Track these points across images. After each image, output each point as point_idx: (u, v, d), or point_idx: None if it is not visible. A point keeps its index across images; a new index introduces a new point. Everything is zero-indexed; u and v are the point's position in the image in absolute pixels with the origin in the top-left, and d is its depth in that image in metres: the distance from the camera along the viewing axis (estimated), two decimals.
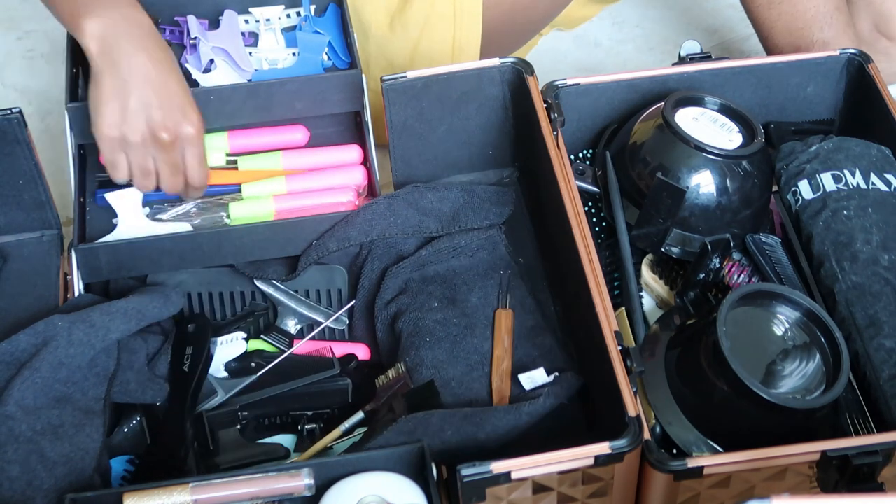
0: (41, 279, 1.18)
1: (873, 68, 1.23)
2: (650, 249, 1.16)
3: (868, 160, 1.16)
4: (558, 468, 0.96)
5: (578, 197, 1.12)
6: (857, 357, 1.05)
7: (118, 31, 1.08)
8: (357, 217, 1.17)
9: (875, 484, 0.94)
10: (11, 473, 0.98)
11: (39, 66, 1.73)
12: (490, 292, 1.15)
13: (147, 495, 0.92)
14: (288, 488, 0.94)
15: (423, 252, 1.17)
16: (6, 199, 1.19)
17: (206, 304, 1.19)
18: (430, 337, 1.11)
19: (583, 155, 1.28)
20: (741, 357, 0.97)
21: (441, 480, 0.98)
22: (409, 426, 1.01)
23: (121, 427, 1.07)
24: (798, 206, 1.14)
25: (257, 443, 1.08)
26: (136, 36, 1.09)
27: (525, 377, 1.08)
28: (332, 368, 1.11)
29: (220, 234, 1.16)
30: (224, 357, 1.14)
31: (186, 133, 1.10)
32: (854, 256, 1.08)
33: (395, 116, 1.23)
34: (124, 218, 1.19)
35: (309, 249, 1.17)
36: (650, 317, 1.13)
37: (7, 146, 1.15)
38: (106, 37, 1.08)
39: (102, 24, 1.08)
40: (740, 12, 1.47)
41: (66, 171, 1.20)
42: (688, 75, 1.24)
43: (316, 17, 1.31)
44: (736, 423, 1.00)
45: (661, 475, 0.96)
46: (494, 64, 1.22)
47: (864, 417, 1.04)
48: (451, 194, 1.21)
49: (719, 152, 1.13)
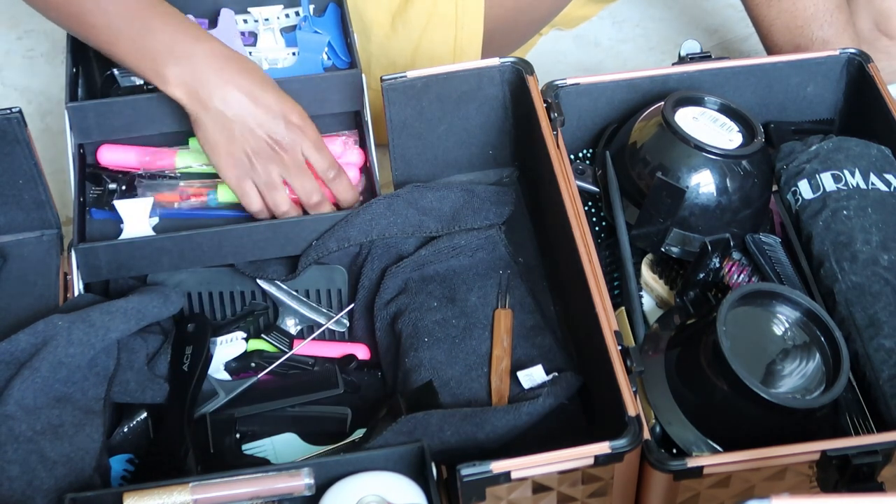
0: (41, 279, 1.18)
1: (873, 68, 1.23)
2: (650, 249, 1.16)
3: (868, 160, 1.16)
4: (558, 468, 0.96)
5: (578, 197, 1.12)
6: (857, 357, 1.05)
7: (198, 72, 1.11)
8: (357, 217, 1.17)
9: (875, 484, 0.94)
10: (11, 473, 0.98)
11: (39, 66, 1.73)
12: (489, 292, 1.15)
13: (147, 495, 0.92)
14: (288, 488, 0.94)
15: (423, 252, 1.17)
16: (6, 199, 1.19)
17: (206, 303, 1.19)
18: (428, 337, 1.11)
19: (583, 155, 1.28)
20: (741, 357, 0.97)
21: (441, 480, 0.98)
22: (408, 426, 1.01)
23: (121, 427, 1.07)
24: (798, 206, 1.15)
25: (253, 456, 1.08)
26: (215, 69, 1.12)
27: (524, 375, 1.08)
28: (336, 388, 1.11)
29: (220, 234, 1.16)
30: (224, 357, 1.14)
31: (294, 132, 1.13)
32: (854, 256, 1.08)
33: (395, 116, 1.23)
34: (130, 226, 1.18)
35: (309, 249, 1.17)
36: (650, 317, 1.13)
37: (7, 146, 1.15)
38: (188, 82, 1.11)
39: (182, 72, 1.11)
40: (740, 12, 1.47)
41: (66, 171, 1.20)
42: (688, 75, 1.24)
43: (315, 16, 1.31)
44: (736, 422, 1.00)
45: (661, 475, 0.96)
46: (494, 64, 1.22)
47: (864, 417, 1.04)
48: (451, 194, 1.21)
49: (719, 152, 1.13)
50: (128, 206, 1.19)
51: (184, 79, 1.11)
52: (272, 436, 1.09)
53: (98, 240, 1.17)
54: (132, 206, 1.19)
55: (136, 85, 1.22)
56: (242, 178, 1.14)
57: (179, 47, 1.12)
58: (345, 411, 1.11)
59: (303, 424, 1.10)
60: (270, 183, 1.15)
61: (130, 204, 1.19)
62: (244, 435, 1.09)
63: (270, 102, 1.13)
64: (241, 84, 1.12)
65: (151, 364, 1.10)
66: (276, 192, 1.15)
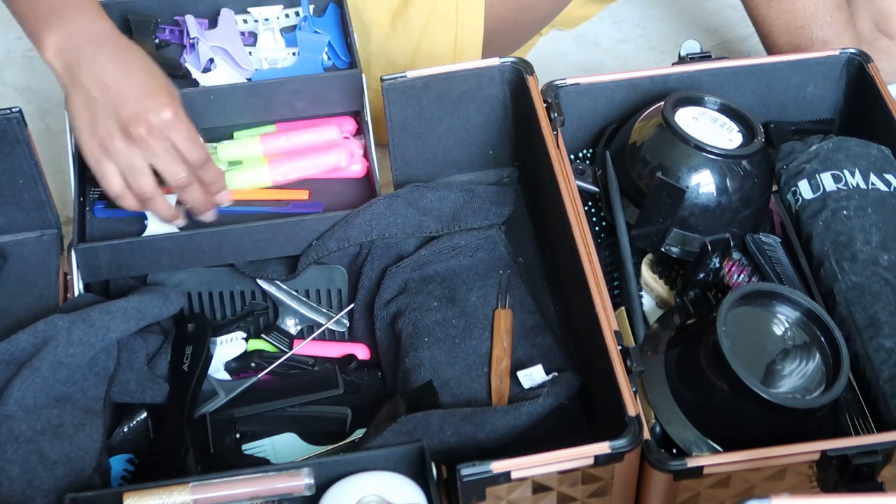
0: (41, 279, 1.18)
1: (873, 68, 1.23)
2: (650, 249, 1.16)
3: (868, 160, 1.16)
4: (558, 468, 0.96)
5: (578, 197, 1.12)
6: (857, 357, 1.05)
7: (74, 44, 1.07)
8: (357, 217, 1.17)
9: (875, 484, 0.94)
10: (11, 473, 0.98)
11: (39, 66, 1.73)
12: (489, 292, 1.15)
13: (147, 495, 0.92)
14: (288, 488, 0.94)
15: (423, 252, 1.17)
16: (6, 199, 1.19)
17: (206, 303, 1.19)
18: (428, 337, 1.11)
19: (583, 155, 1.28)
20: (741, 357, 0.97)
21: (441, 480, 0.98)
22: (408, 426, 1.01)
23: (121, 426, 1.07)
24: (798, 206, 1.15)
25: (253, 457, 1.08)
26: (95, 43, 1.07)
27: (524, 375, 1.08)
28: (336, 388, 1.11)
29: (220, 234, 1.16)
30: (224, 357, 1.14)
31: (162, 118, 1.07)
32: (854, 256, 1.08)
33: (395, 116, 1.23)
34: (154, 221, 1.17)
35: (309, 249, 1.17)
36: (650, 317, 1.13)
37: (7, 146, 1.15)
38: (64, 51, 1.07)
39: (59, 40, 1.06)
40: (740, 12, 1.47)
41: (66, 171, 1.20)
42: (688, 75, 1.24)
43: (315, 17, 1.31)
44: (736, 422, 1.00)
45: (661, 475, 0.96)
46: (494, 63, 1.22)
47: (864, 417, 1.04)
48: (451, 194, 1.21)
49: (719, 152, 1.13)
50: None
51: (60, 47, 1.07)
52: (272, 436, 1.09)
53: (98, 240, 1.17)
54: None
55: None
56: (102, 160, 1.09)
57: (63, 14, 1.07)
58: (345, 411, 1.11)
59: (303, 424, 1.10)
60: (133, 167, 1.08)
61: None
62: (244, 435, 1.09)
63: (140, 84, 1.08)
64: (114, 66, 1.07)
65: (151, 364, 1.10)
66: (139, 177, 1.09)
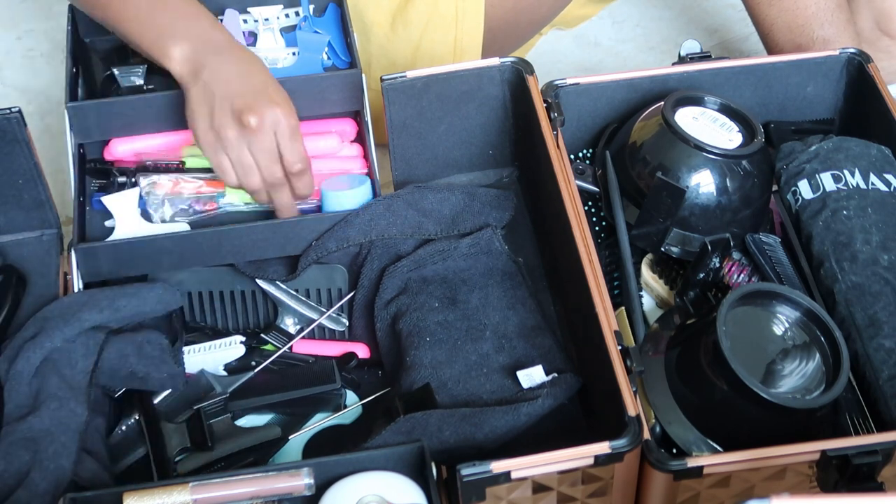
0: (41, 279, 1.18)
1: (873, 68, 1.23)
2: (650, 249, 1.16)
3: (868, 160, 1.16)
4: (558, 468, 0.96)
5: (578, 197, 1.12)
6: (857, 357, 1.05)
7: (199, 50, 1.13)
8: (356, 217, 1.17)
9: (875, 483, 0.94)
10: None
11: (39, 66, 1.73)
12: (490, 293, 1.15)
13: (147, 495, 0.92)
14: (288, 488, 0.94)
15: (421, 251, 1.17)
16: (6, 199, 1.19)
17: (206, 303, 1.19)
18: (430, 337, 1.11)
19: (583, 154, 1.28)
20: (741, 357, 0.97)
21: (441, 480, 0.98)
22: (407, 426, 1.01)
23: (120, 426, 1.07)
24: (798, 206, 1.15)
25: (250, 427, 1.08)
26: (218, 49, 1.14)
27: (524, 375, 1.08)
28: (333, 382, 1.11)
29: (220, 234, 1.16)
30: (223, 359, 1.14)
31: (274, 113, 1.12)
32: (854, 256, 1.08)
33: (395, 116, 1.23)
34: (121, 221, 1.18)
35: (309, 249, 1.17)
36: (650, 316, 1.13)
37: (7, 146, 1.15)
38: (191, 59, 1.13)
39: (185, 50, 1.13)
40: (740, 12, 1.48)
41: (66, 171, 1.20)
42: (688, 75, 1.24)
43: (315, 17, 1.31)
44: (736, 422, 1.00)
45: (661, 475, 0.96)
46: (494, 63, 1.22)
47: (863, 417, 1.04)
48: (452, 196, 1.20)
49: (719, 152, 1.13)
50: (115, 200, 1.19)
51: (186, 56, 1.13)
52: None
53: (98, 239, 1.17)
54: (120, 200, 1.19)
55: (136, 85, 1.22)
56: (219, 153, 1.14)
57: (186, 26, 1.14)
58: (336, 387, 1.11)
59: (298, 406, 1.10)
60: (245, 165, 1.14)
61: (118, 197, 1.19)
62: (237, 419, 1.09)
63: (257, 83, 1.13)
64: (235, 67, 1.13)
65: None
66: (249, 176, 1.14)
